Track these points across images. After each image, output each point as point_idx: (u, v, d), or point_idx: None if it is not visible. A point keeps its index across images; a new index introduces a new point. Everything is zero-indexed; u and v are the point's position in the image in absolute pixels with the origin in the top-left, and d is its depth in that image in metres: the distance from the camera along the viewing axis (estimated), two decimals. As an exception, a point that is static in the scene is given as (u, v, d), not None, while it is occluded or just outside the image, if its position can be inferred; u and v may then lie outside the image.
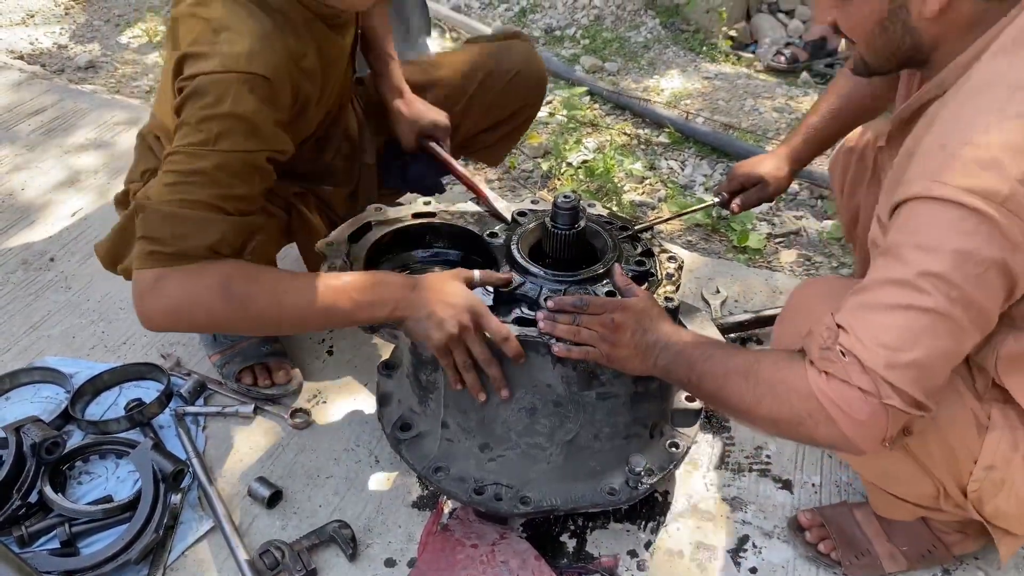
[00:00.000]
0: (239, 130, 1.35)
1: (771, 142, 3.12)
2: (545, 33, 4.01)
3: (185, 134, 1.35)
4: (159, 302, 1.34)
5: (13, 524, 1.55)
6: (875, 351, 1.07)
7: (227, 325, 1.45)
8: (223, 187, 1.35)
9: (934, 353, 1.07)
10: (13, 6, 4.04)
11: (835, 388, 1.10)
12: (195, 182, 1.33)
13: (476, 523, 1.61)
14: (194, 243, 1.33)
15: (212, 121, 1.34)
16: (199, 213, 1.33)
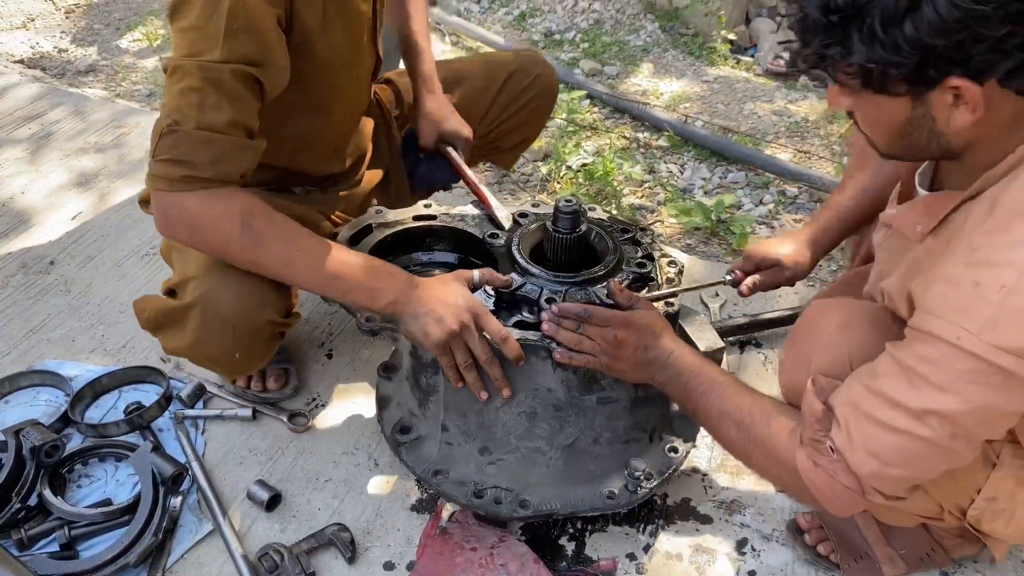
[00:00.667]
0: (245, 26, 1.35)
1: (769, 145, 3.12)
2: (545, 37, 4.02)
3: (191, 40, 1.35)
4: (185, 221, 1.39)
5: (12, 527, 1.55)
6: (865, 459, 1.10)
7: (235, 256, 1.44)
8: (242, 110, 1.38)
9: (926, 471, 1.11)
10: (14, 10, 4.04)
11: (821, 477, 1.15)
12: (213, 101, 1.35)
13: (475, 526, 1.61)
14: (228, 168, 1.38)
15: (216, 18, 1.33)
16: (232, 138, 1.37)
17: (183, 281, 1.56)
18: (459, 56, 3.81)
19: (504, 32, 4.07)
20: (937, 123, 1.04)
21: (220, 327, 1.52)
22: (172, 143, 1.35)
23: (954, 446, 1.05)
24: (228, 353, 1.57)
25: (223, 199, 1.39)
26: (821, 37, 1.00)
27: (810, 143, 3.16)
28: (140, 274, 2.26)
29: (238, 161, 1.39)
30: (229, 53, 1.35)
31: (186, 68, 1.35)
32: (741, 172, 2.97)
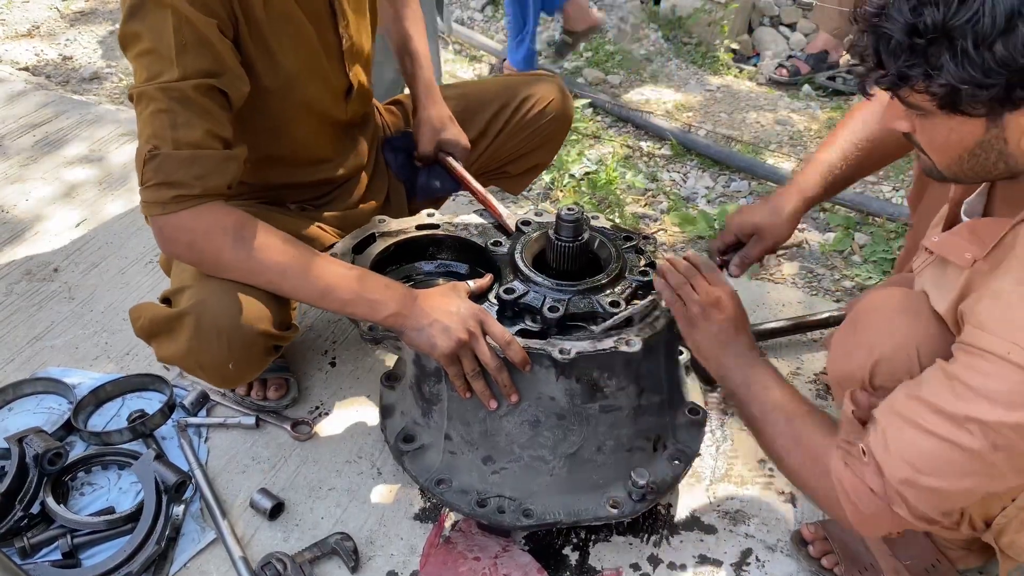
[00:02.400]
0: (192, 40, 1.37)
1: (772, 155, 3.12)
2: (548, 46, 4.02)
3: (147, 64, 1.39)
4: (182, 238, 1.42)
5: (15, 535, 1.55)
6: (898, 464, 1.07)
7: (230, 269, 1.46)
8: (213, 121, 1.41)
9: (959, 487, 1.06)
10: (19, 18, 4.06)
11: (850, 480, 1.13)
12: (184, 119, 1.37)
13: (478, 536, 1.61)
14: (214, 182, 1.40)
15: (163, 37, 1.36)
16: (211, 151, 1.40)
17: (179, 289, 1.56)
18: (460, 62, 3.82)
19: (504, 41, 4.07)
20: (1008, 145, 1.04)
21: (214, 336, 1.51)
22: (155, 167, 1.37)
23: (994, 459, 1.02)
24: (221, 363, 1.55)
25: (213, 213, 1.41)
26: (905, 58, 0.99)
27: (812, 152, 3.16)
28: (144, 282, 2.27)
29: (222, 173, 1.42)
30: (185, 69, 1.37)
31: (149, 93, 1.38)
32: (744, 181, 2.98)
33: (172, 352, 1.56)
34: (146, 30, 1.38)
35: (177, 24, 1.36)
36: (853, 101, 3.51)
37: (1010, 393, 0.99)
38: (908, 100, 1.05)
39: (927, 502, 1.08)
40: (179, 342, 1.53)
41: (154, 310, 1.59)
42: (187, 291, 1.53)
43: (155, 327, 1.58)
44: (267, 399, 1.88)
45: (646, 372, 1.49)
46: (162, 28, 1.36)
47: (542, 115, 2.04)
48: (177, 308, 1.53)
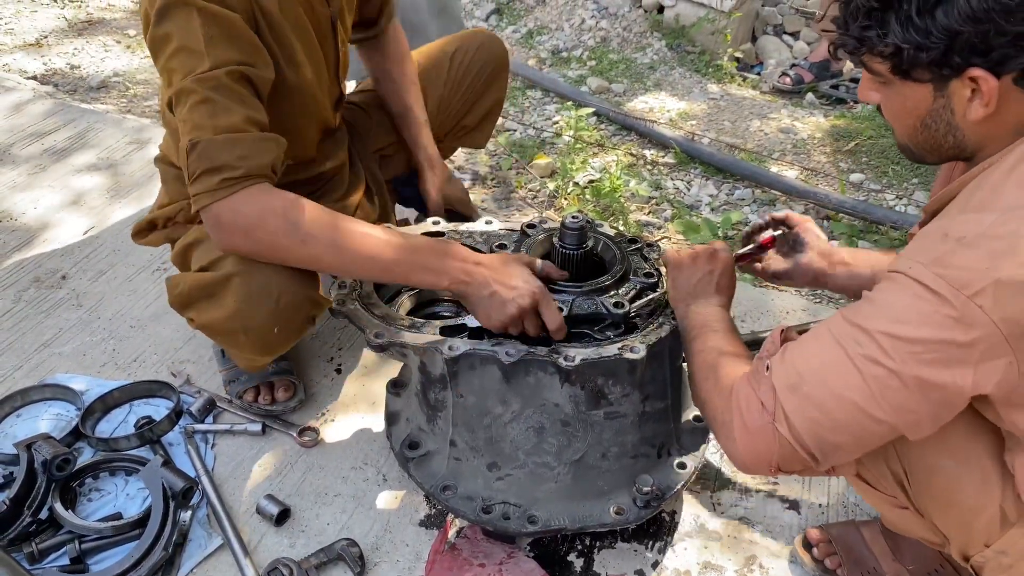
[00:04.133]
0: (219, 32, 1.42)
1: (776, 163, 3.13)
2: (552, 54, 4.04)
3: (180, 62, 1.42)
4: (238, 224, 1.42)
5: (24, 540, 1.56)
6: (787, 371, 1.11)
7: (287, 252, 1.47)
8: (249, 107, 1.44)
9: (838, 403, 1.07)
10: (27, 27, 4.09)
11: (744, 392, 1.15)
12: (222, 106, 1.41)
13: (484, 542, 1.62)
14: (258, 161, 1.42)
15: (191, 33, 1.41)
16: (251, 134, 1.42)
17: (218, 259, 1.56)
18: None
19: (512, 49, 4.10)
20: (955, 115, 1.10)
21: (264, 296, 1.51)
22: (199, 156, 1.39)
23: (873, 374, 1.03)
24: (267, 326, 1.54)
25: (263, 195, 1.43)
26: (862, 21, 1.08)
27: (816, 161, 3.18)
28: (151, 289, 2.28)
29: (264, 153, 1.43)
30: (216, 59, 1.41)
31: (186, 87, 1.41)
32: (748, 189, 2.99)
33: (215, 316, 1.56)
34: (175, 30, 1.42)
35: (203, 20, 1.41)
36: (856, 110, 3.52)
37: (902, 308, 1.03)
38: (871, 67, 1.13)
39: (805, 418, 1.09)
40: (225, 305, 1.53)
41: (194, 276, 1.60)
42: (230, 257, 1.54)
43: (196, 292, 1.58)
44: (275, 402, 1.89)
45: (650, 379, 1.50)
46: (189, 26, 1.40)
47: (475, 61, 2.12)
48: (222, 271, 1.53)
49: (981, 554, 1.22)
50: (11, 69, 3.67)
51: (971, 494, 1.18)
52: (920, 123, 1.14)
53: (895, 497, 1.30)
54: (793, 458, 1.13)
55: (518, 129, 3.40)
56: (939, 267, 1.01)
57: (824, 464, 1.14)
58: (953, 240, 1.02)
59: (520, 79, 3.77)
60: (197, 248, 1.68)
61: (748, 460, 1.16)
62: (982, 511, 1.18)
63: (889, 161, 3.13)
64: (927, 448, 1.18)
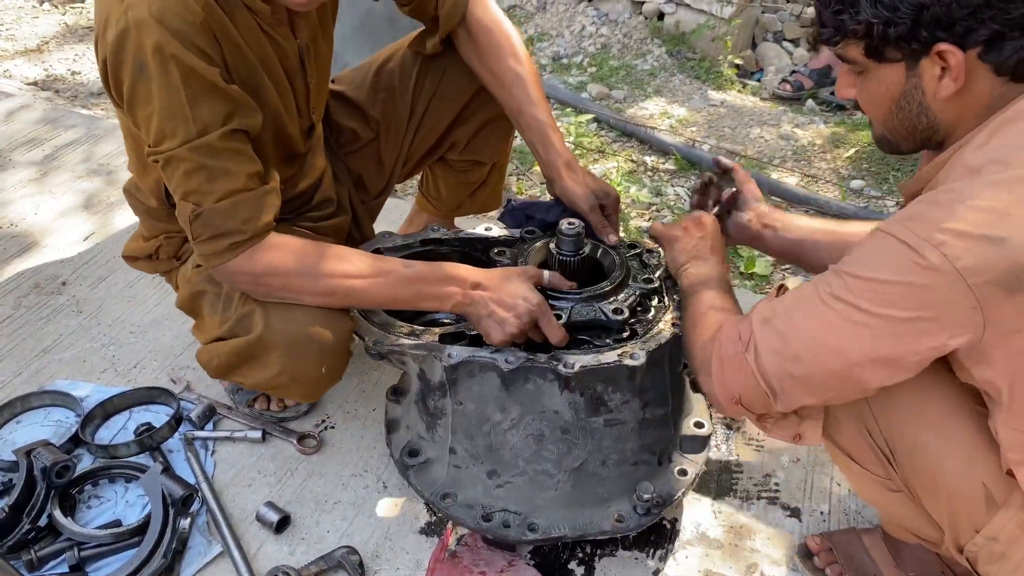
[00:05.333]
0: (202, 90, 1.37)
1: (776, 169, 3.14)
2: (553, 61, 4.05)
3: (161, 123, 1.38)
4: (248, 278, 1.48)
5: (23, 548, 1.56)
6: (765, 308, 1.20)
7: (304, 294, 1.51)
8: (244, 162, 1.44)
9: (797, 333, 1.15)
10: (28, 33, 4.10)
11: (728, 330, 1.23)
12: (219, 170, 1.40)
13: (484, 550, 1.61)
14: (262, 220, 1.44)
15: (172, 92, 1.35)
16: (251, 192, 1.43)
17: (242, 317, 1.57)
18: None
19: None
20: (926, 95, 1.15)
21: (308, 344, 1.53)
22: (203, 224, 1.41)
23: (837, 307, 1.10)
24: (316, 370, 1.58)
25: (270, 251, 1.45)
26: (834, 6, 1.14)
27: (816, 167, 3.18)
28: (151, 295, 2.28)
29: (266, 210, 1.45)
30: (203, 122, 1.38)
31: (177, 155, 1.39)
32: (748, 195, 2.99)
33: (264, 376, 1.59)
34: (156, 89, 1.36)
35: (183, 76, 1.35)
36: (856, 116, 3.52)
37: (871, 254, 1.10)
38: (847, 56, 1.18)
39: (769, 348, 1.16)
40: (270, 364, 1.56)
41: (227, 345, 1.60)
42: (255, 313, 1.55)
43: (235, 359, 1.60)
44: (286, 407, 1.89)
45: (650, 385, 1.50)
46: (169, 84, 1.35)
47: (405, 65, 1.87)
48: (255, 332, 1.54)
49: (973, 542, 1.22)
50: (12, 75, 3.68)
51: (955, 473, 1.19)
52: (895, 105, 1.19)
53: (885, 478, 1.31)
54: (756, 392, 1.19)
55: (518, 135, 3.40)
56: (909, 221, 1.07)
57: (781, 403, 1.19)
58: (927, 203, 1.08)
59: (520, 85, 3.78)
60: (206, 298, 1.67)
61: (719, 392, 1.24)
62: (967, 490, 1.20)
63: (889, 168, 3.13)
64: (907, 421, 1.22)
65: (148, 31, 1.32)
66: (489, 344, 1.47)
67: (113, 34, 1.35)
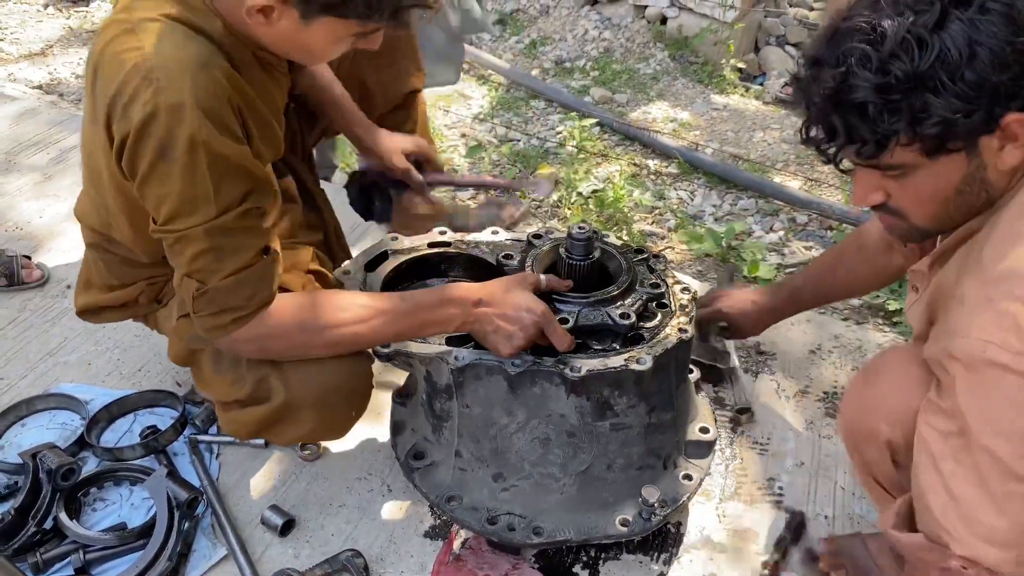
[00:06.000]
0: (226, 171, 1.32)
1: (779, 173, 3.14)
2: (555, 65, 4.06)
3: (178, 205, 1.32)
4: (251, 348, 1.48)
5: (28, 550, 1.56)
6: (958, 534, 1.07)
7: (309, 354, 1.52)
8: (256, 238, 1.40)
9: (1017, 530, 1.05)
10: (32, 37, 4.11)
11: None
12: (229, 250, 1.37)
13: (489, 553, 1.61)
14: (264, 295, 1.42)
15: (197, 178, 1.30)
16: (254, 267, 1.40)
17: (258, 382, 1.56)
18: (468, 80, 3.86)
19: (515, 60, 4.11)
20: (987, 170, 1.08)
21: (335, 396, 1.56)
22: (207, 301, 1.40)
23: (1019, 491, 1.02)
24: (348, 416, 1.64)
25: (269, 317, 1.43)
26: (886, 118, 1.03)
27: (819, 171, 3.18)
28: (156, 298, 2.28)
29: (269, 283, 1.43)
30: (223, 203, 1.33)
31: (190, 235, 1.34)
32: (751, 199, 2.99)
33: (299, 433, 1.62)
34: (178, 173, 1.29)
35: (211, 162, 1.29)
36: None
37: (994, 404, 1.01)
38: (889, 162, 1.08)
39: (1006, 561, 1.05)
40: (304, 422, 1.58)
41: (253, 413, 1.59)
42: (271, 378, 1.54)
43: (264, 423, 1.60)
44: None
45: (656, 390, 1.50)
46: (196, 170, 1.29)
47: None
48: (279, 399, 1.54)
49: None
50: (16, 79, 3.69)
51: None
52: (954, 193, 1.11)
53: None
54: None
55: (521, 139, 3.41)
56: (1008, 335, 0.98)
57: None
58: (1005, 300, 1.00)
59: (524, 89, 3.79)
60: (205, 354, 1.63)
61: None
62: None
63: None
64: None
65: (182, 118, 1.26)
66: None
67: (140, 116, 1.27)
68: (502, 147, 3.28)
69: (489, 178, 1.81)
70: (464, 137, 3.41)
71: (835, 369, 2.11)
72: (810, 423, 1.95)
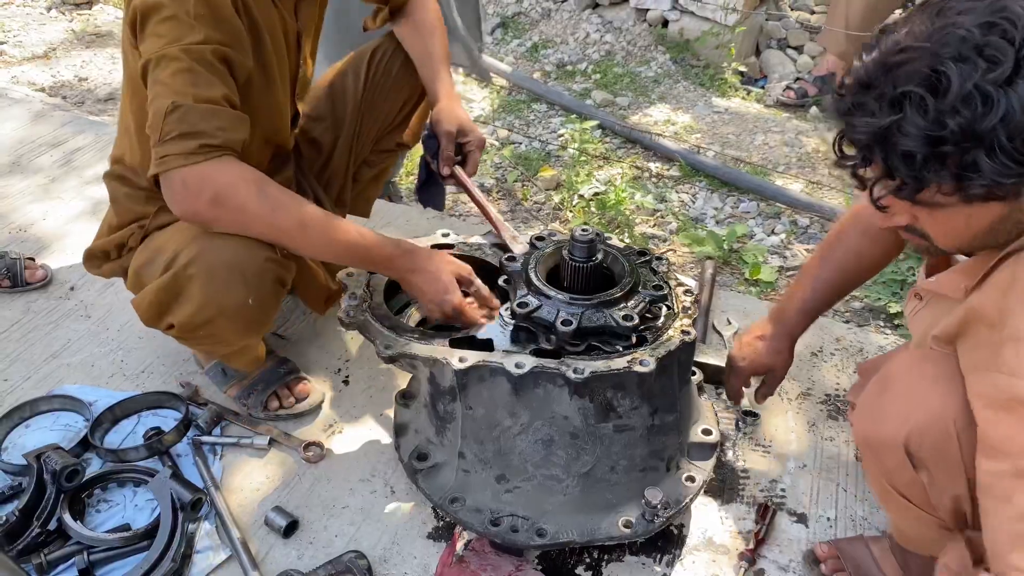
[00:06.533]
0: (215, 14, 1.44)
1: (780, 176, 3.15)
2: (557, 68, 4.07)
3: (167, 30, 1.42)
4: (207, 190, 1.42)
5: (33, 551, 1.56)
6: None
7: (253, 223, 1.49)
8: (228, 87, 1.45)
9: None
10: (36, 40, 4.12)
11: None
12: (204, 78, 1.42)
13: (492, 555, 1.62)
14: (234, 136, 1.44)
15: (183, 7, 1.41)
16: (229, 110, 1.44)
17: (170, 260, 1.58)
18: (470, 84, 3.87)
19: (517, 63, 4.12)
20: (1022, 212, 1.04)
21: (225, 272, 1.53)
22: (178, 118, 1.39)
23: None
24: (241, 300, 1.56)
25: (236, 166, 1.44)
26: (931, 167, 0.98)
27: (820, 174, 3.19)
28: (159, 300, 2.28)
29: (239, 129, 1.45)
30: (206, 36, 1.42)
31: (171, 54, 1.41)
32: (753, 202, 3.00)
33: (189, 311, 1.58)
34: (167, 3, 1.41)
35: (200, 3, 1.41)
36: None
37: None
38: (921, 200, 1.03)
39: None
40: (193, 295, 1.55)
41: (155, 283, 1.60)
42: (181, 253, 1.56)
43: (162, 295, 1.60)
44: (298, 401, 1.92)
45: (659, 392, 1.50)
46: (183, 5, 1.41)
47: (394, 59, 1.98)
48: (177, 265, 1.55)
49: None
50: (20, 81, 3.70)
51: None
52: (984, 231, 1.07)
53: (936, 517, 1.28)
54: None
55: (523, 142, 3.42)
56: None
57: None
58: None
59: (525, 92, 3.80)
60: (148, 268, 1.66)
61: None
62: None
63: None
64: None
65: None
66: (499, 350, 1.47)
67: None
68: (504, 149, 3.29)
69: (494, 211, 1.81)
70: (466, 140, 3.42)
71: (837, 371, 2.11)
72: (812, 425, 1.95)
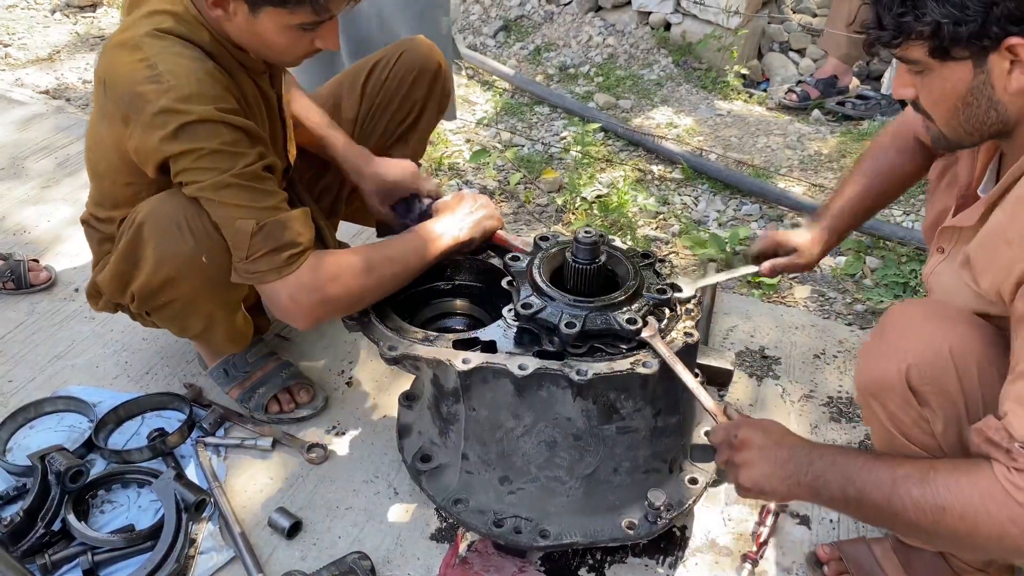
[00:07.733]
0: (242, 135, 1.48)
1: (783, 179, 3.15)
2: (559, 71, 4.07)
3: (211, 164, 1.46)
4: (314, 296, 1.53)
5: (37, 552, 1.56)
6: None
7: (365, 297, 1.60)
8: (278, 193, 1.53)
9: None
10: (40, 42, 4.13)
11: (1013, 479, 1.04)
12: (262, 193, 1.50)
13: (495, 556, 1.62)
14: (309, 234, 1.54)
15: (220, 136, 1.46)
16: (295, 213, 1.52)
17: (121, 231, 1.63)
18: (472, 87, 3.87)
19: (519, 66, 4.13)
20: (995, 90, 1.14)
21: (171, 225, 1.55)
22: (264, 237, 1.48)
23: None
24: (194, 258, 1.57)
25: (325, 259, 1.55)
26: (897, 8, 1.13)
27: (823, 176, 3.19)
28: (162, 302, 2.29)
29: (309, 225, 1.55)
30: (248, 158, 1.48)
31: (224, 181, 1.46)
32: (755, 205, 3.00)
33: (146, 274, 1.61)
34: (203, 141, 1.44)
35: (228, 130, 1.47)
36: (863, 126, 3.54)
37: None
38: (908, 56, 1.17)
39: None
40: (146, 257, 1.59)
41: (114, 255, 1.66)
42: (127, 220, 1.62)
43: (118, 267, 1.65)
44: (298, 406, 1.92)
45: (662, 393, 1.51)
46: (218, 135, 1.45)
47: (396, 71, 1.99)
48: (125, 236, 1.61)
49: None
50: (24, 84, 3.71)
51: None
52: (961, 102, 1.17)
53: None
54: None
55: (526, 144, 3.42)
56: None
57: None
58: None
59: (528, 95, 3.80)
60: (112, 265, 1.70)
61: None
62: None
63: (896, 177, 3.14)
64: None
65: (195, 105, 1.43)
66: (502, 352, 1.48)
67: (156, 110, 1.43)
68: (506, 152, 3.30)
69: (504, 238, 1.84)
70: (469, 142, 3.42)
71: (839, 374, 2.11)
72: (815, 427, 1.96)
